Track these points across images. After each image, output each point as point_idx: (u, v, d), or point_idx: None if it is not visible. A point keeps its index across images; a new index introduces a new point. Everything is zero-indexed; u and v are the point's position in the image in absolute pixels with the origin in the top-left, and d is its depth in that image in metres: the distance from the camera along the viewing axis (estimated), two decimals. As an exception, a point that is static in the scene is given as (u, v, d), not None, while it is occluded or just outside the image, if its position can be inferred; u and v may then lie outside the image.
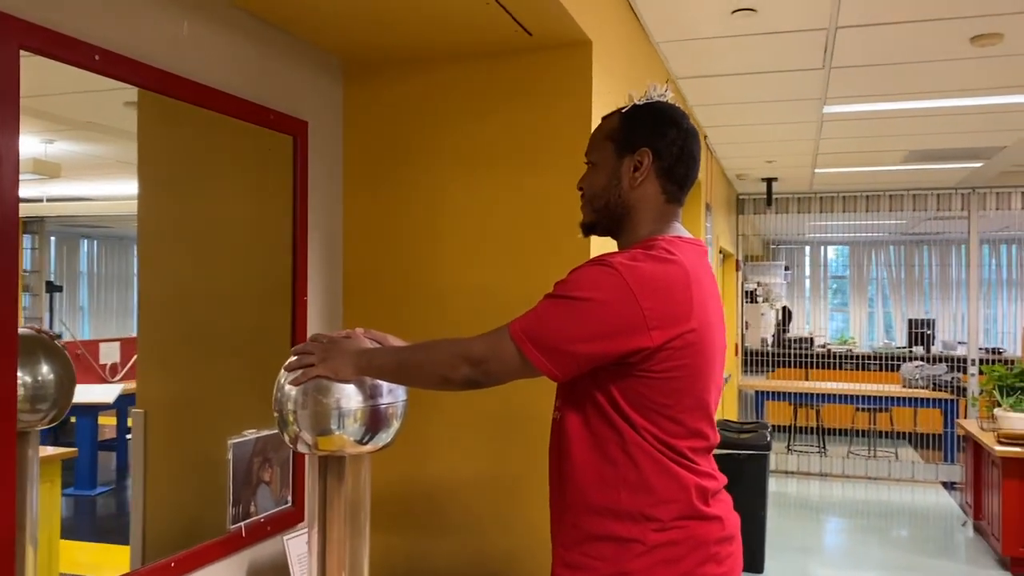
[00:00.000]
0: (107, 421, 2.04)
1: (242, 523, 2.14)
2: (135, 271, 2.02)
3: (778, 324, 10.04)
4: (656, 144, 1.51)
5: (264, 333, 2.34)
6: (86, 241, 2.07)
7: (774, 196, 7.39)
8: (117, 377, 1.97)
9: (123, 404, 1.99)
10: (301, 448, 1.75)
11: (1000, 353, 8.84)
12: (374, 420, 1.72)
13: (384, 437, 1.76)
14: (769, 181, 7.08)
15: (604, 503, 1.43)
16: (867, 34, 3.27)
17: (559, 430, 1.52)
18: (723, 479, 1.51)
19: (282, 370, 1.75)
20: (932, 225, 9.90)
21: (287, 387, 1.71)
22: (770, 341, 9.58)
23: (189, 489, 2.13)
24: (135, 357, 1.99)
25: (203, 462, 2.17)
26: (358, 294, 2.63)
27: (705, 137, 5.19)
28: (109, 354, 1.96)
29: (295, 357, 1.72)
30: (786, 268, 11.37)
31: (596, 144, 1.59)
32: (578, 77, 2.41)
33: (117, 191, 2.04)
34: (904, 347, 9.80)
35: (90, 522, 2.07)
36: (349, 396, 1.68)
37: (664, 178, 1.52)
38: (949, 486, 7.49)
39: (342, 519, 1.77)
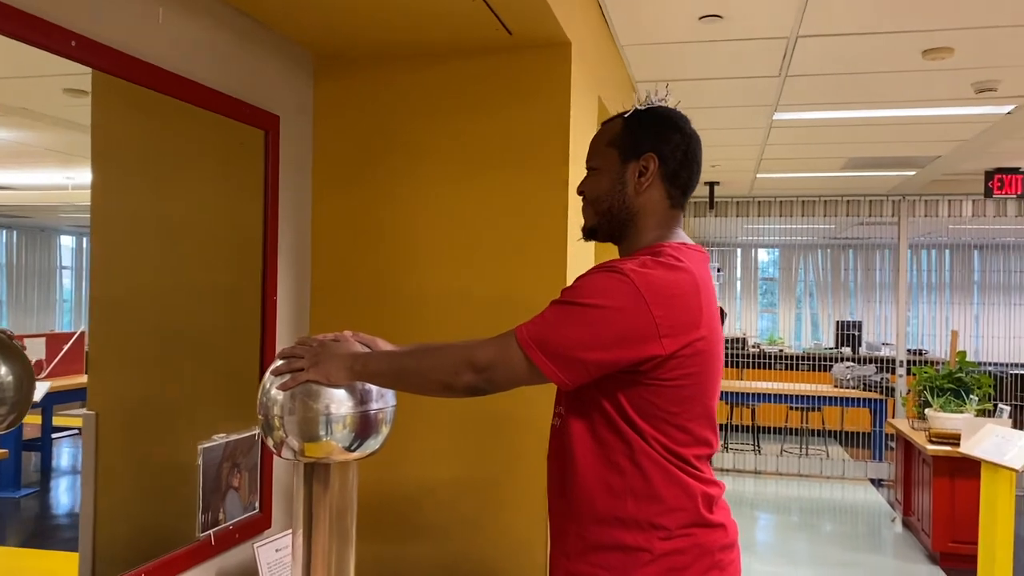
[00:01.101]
0: (32, 420, 1.93)
1: (211, 531, 2.06)
2: (59, 264, 1.92)
3: (713, 324, 10.22)
4: (661, 149, 1.50)
5: (231, 333, 2.26)
6: (5, 232, 1.95)
7: (715, 200, 7.52)
8: (43, 374, 1.87)
9: (49, 403, 1.89)
10: (286, 454, 1.70)
11: (923, 354, 9.18)
12: (364, 426, 1.67)
13: (372, 444, 1.71)
14: (711, 185, 7.20)
15: (611, 512, 1.42)
16: (825, 44, 3.35)
17: (561, 437, 1.50)
18: (723, 486, 1.51)
19: (268, 373, 1.69)
20: (858, 230, 10.22)
21: (274, 391, 1.65)
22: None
23: (148, 495, 2.04)
24: (61, 354, 1.89)
25: (164, 467, 2.08)
26: (327, 295, 2.56)
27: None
28: (34, 350, 1.86)
29: (282, 361, 1.66)
30: (719, 269, 11.61)
31: (599, 150, 1.57)
32: (557, 78, 2.39)
33: (42, 180, 1.93)
34: (833, 348, 10.10)
35: (16, 525, 1.97)
36: (339, 401, 1.63)
37: (669, 183, 1.52)
38: (877, 483, 7.74)
39: (327, 527, 1.72)
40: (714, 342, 1.43)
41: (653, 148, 1.50)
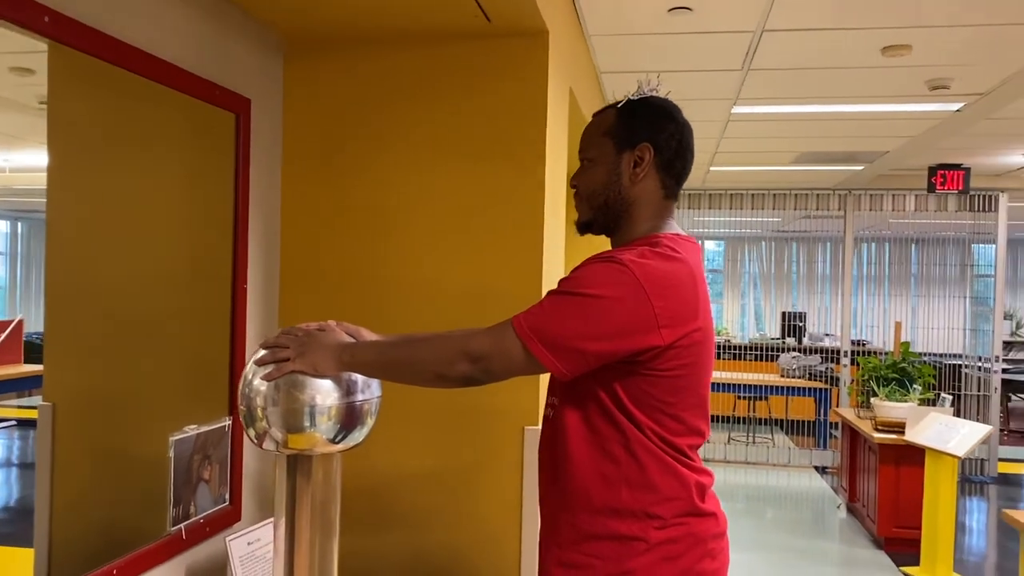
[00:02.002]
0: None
1: (182, 525, 2.01)
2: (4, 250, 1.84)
3: (661, 315, 10.34)
4: (656, 139, 1.51)
5: (199, 322, 2.20)
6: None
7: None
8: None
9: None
10: (268, 445, 1.66)
11: (864, 344, 9.44)
12: (349, 417, 1.64)
13: (357, 436, 1.68)
14: (665, 177, 7.24)
15: (605, 502, 1.42)
16: (789, 38, 3.39)
17: (555, 427, 1.50)
18: (714, 475, 1.52)
19: (250, 363, 1.65)
20: (802, 223, 10.44)
21: (256, 381, 1.61)
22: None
23: (112, 489, 1.97)
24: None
25: (129, 459, 2.01)
26: (296, 284, 2.51)
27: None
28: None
29: (264, 351, 1.62)
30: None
31: (593, 140, 1.56)
32: (534, 67, 2.37)
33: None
34: (778, 338, 10.31)
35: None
36: (325, 392, 1.60)
37: (663, 173, 1.52)
38: (821, 470, 7.94)
39: (310, 519, 1.69)
40: (708, 333, 1.44)
41: (648, 138, 1.50)
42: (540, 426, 2.40)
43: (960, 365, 8.09)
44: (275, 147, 2.48)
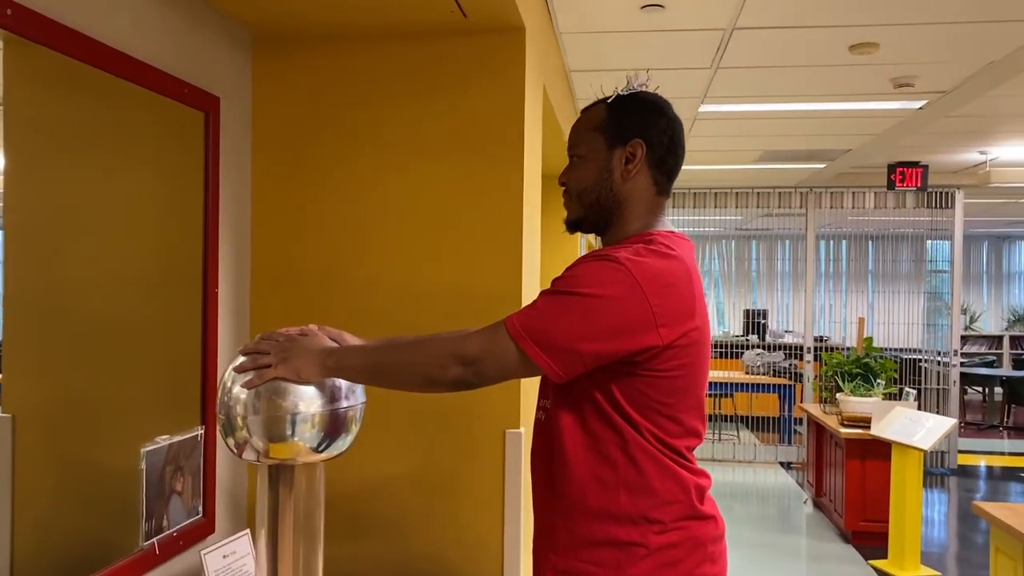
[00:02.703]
0: None
1: (155, 539, 1.93)
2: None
3: (626, 314, 10.38)
4: (647, 134, 1.48)
5: (168, 329, 2.11)
6: None
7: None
8: None
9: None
10: (248, 456, 1.60)
11: (824, 340, 9.55)
12: (333, 425, 1.59)
13: (341, 444, 1.63)
14: (630, 176, 7.26)
15: (603, 506, 1.38)
16: (759, 36, 3.40)
17: (548, 431, 1.46)
18: (711, 477, 1.50)
19: (228, 369, 1.59)
20: (762, 221, 10.54)
21: (236, 389, 1.55)
22: (619, 330, 9.87)
23: (79, 504, 1.89)
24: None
25: (97, 472, 1.93)
26: (268, 288, 2.44)
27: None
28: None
29: (244, 358, 1.56)
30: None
31: (582, 137, 1.53)
32: (512, 64, 2.33)
33: None
34: (741, 335, 10.40)
35: None
36: (308, 399, 1.55)
37: (655, 169, 1.49)
38: (786, 466, 8.01)
39: (293, 531, 1.63)
40: (705, 332, 1.42)
41: (640, 134, 1.47)
42: (520, 429, 2.38)
43: (918, 359, 8.23)
44: (245, 146, 2.40)
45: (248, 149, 2.42)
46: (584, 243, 5.71)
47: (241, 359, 1.57)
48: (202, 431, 2.13)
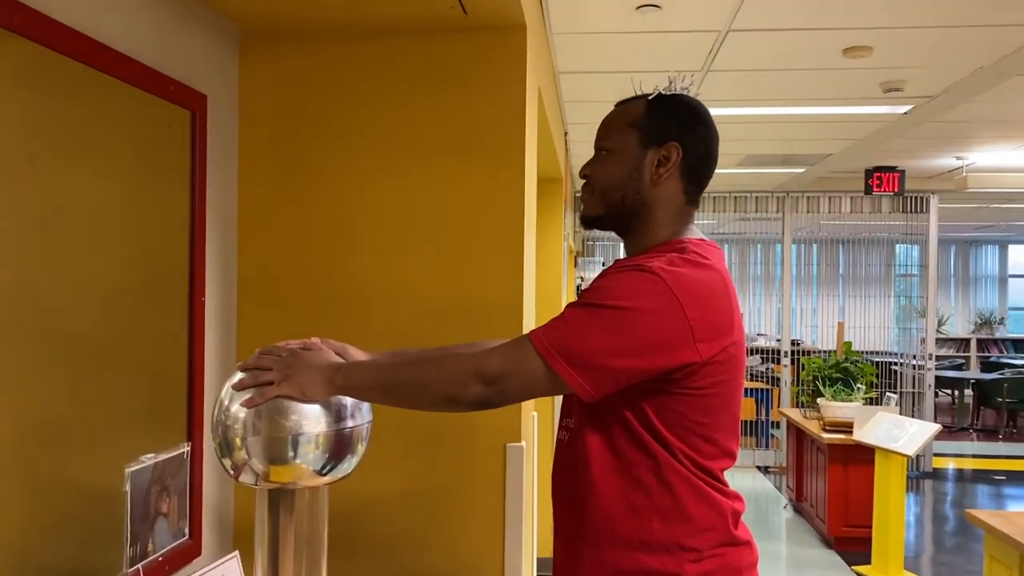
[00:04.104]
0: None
1: (140, 565, 1.81)
2: None
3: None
4: (685, 140, 1.39)
5: (153, 338, 1.99)
6: None
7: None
8: None
9: None
10: (245, 478, 1.49)
11: (798, 344, 9.58)
12: (338, 446, 1.49)
13: (345, 467, 1.53)
14: (610, 179, 7.20)
15: (634, 534, 1.29)
16: (754, 38, 3.35)
17: (572, 452, 1.37)
18: (744, 499, 1.42)
19: (226, 386, 1.48)
20: (735, 225, 10.55)
21: (234, 408, 1.44)
22: (595, 334, 9.81)
23: (53, 529, 1.75)
24: None
25: (75, 494, 1.80)
26: (256, 296, 2.32)
27: (566, 134, 5.17)
28: None
29: (243, 374, 1.46)
30: (603, 264, 11.78)
31: (615, 130, 1.43)
32: (513, 63, 2.24)
33: None
34: (716, 339, 10.37)
35: None
36: (313, 418, 1.44)
37: (687, 177, 1.41)
38: (764, 470, 8.00)
39: (293, 559, 1.52)
40: (743, 346, 1.34)
41: (677, 137, 1.39)
42: (522, 443, 2.29)
43: (891, 363, 8.27)
44: (232, 147, 2.29)
45: (235, 150, 2.31)
46: (566, 248, 5.63)
47: (239, 376, 1.46)
48: (188, 448, 2.01)
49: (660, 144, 1.39)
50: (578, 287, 9.66)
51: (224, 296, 2.24)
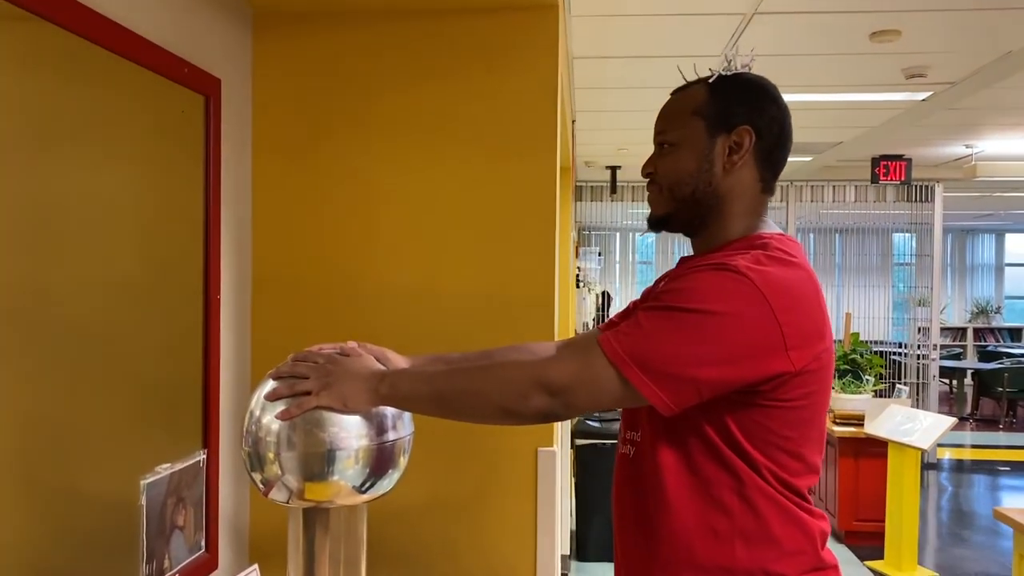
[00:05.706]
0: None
1: (156, 583, 1.69)
2: None
3: (599, 309, 10.23)
4: (756, 122, 1.27)
5: (166, 338, 1.86)
6: None
7: (617, 184, 7.44)
8: None
9: None
10: (277, 495, 1.37)
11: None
12: (380, 461, 1.36)
13: (386, 484, 1.41)
14: (613, 169, 7.09)
15: (715, 560, 1.18)
16: (779, 21, 3.23)
17: (639, 470, 1.25)
18: (828, 519, 1.31)
19: (257, 395, 1.36)
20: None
21: (267, 419, 1.32)
22: (591, 326, 9.73)
23: (63, 544, 1.62)
24: None
25: (85, 506, 1.67)
26: (270, 294, 2.19)
27: (573, 122, 5.04)
28: None
29: (275, 383, 1.33)
30: (599, 254, 11.67)
31: (678, 120, 1.31)
32: (544, 45, 2.12)
33: None
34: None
35: None
36: (354, 431, 1.32)
37: (762, 163, 1.29)
38: (767, 462, 7.92)
39: (329, 580, 1.40)
40: (833, 352, 1.22)
41: (748, 120, 1.27)
42: (554, 447, 2.17)
43: (892, 353, 8.20)
44: (245, 135, 2.15)
45: (249, 138, 2.17)
46: (573, 238, 5.51)
47: (272, 384, 1.34)
48: (204, 456, 1.89)
49: (730, 130, 1.27)
50: (577, 278, 9.55)
51: (238, 294, 2.12)
